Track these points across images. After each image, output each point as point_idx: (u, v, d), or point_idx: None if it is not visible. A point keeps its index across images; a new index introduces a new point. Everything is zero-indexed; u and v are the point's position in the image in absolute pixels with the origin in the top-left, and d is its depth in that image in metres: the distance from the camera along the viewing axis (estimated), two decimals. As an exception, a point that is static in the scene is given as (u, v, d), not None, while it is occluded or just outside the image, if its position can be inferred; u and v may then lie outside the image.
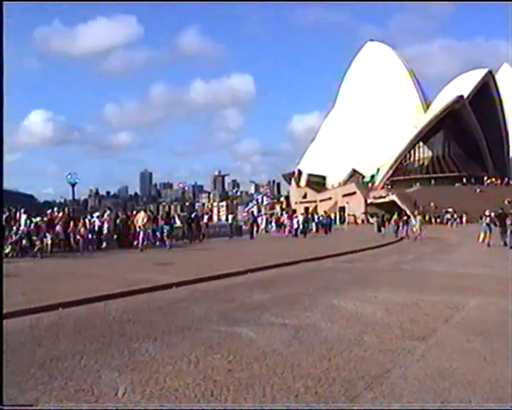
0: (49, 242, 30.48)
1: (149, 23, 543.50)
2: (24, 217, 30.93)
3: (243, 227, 60.27)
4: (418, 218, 50.37)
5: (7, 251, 27.45)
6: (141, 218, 36.19)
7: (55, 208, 40.21)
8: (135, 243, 35.96)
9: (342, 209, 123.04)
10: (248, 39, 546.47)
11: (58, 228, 32.23)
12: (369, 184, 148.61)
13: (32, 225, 30.69)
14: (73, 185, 45.05)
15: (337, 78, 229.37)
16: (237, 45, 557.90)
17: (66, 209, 45.46)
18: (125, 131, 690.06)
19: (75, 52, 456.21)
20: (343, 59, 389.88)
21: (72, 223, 33.14)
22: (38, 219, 32.25)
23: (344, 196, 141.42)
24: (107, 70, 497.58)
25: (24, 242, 28.87)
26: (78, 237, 32.75)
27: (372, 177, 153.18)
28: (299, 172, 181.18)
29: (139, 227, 35.35)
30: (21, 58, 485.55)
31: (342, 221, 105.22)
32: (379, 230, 55.37)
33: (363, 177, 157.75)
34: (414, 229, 48.74)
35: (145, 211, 47.18)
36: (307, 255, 28.58)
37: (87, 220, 35.92)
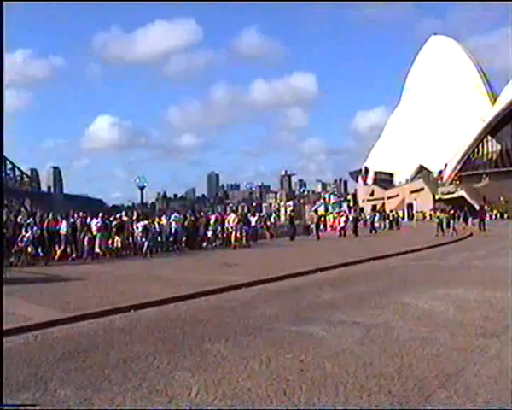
0: (120, 245, 30.85)
1: (208, 25, 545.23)
2: (95, 221, 31.22)
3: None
4: None
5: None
6: (232, 219, 38.86)
7: (123, 212, 40.52)
8: (204, 244, 36.42)
9: (410, 206, 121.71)
10: (309, 37, 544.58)
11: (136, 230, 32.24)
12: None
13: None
14: (142, 189, 45.68)
15: (401, 73, 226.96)
16: (298, 44, 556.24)
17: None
18: (189, 134, 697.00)
19: (135, 57, 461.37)
20: (405, 53, 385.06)
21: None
22: (114, 222, 32.37)
23: (411, 192, 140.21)
24: (167, 73, 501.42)
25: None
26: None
27: (440, 173, 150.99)
28: (366, 170, 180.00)
29: (231, 227, 37.84)
30: (83, 65, 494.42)
31: (410, 218, 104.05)
32: (448, 226, 53.93)
33: (431, 173, 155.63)
34: None
35: (234, 212, 48.29)
36: (374, 254, 28.33)
37: (156, 223, 36.25)
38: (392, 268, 23.54)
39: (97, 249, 29.57)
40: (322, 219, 63.38)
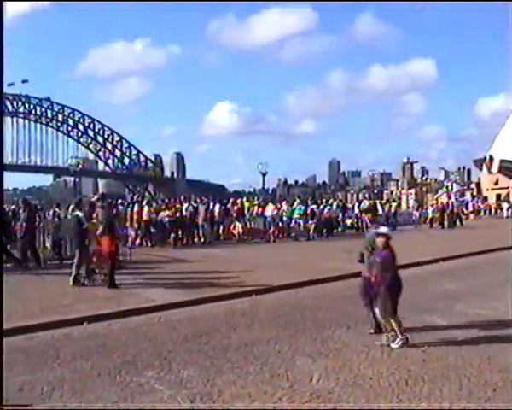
0: (240, 230, 31.13)
1: (324, 11, 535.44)
2: (218, 207, 31.58)
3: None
4: None
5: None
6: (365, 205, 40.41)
7: (244, 198, 40.82)
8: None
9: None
10: (427, 21, 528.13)
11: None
12: None
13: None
14: (264, 175, 46.03)
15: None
16: (416, 28, 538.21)
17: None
18: (308, 120, 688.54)
19: (250, 43, 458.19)
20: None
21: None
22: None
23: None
24: (283, 59, 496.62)
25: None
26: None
27: None
28: (491, 158, 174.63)
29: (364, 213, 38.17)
30: (200, 53, 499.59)
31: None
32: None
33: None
34: None
35: (367, 199, 48.69)
36: (496, 245, 27.30)
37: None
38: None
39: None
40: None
